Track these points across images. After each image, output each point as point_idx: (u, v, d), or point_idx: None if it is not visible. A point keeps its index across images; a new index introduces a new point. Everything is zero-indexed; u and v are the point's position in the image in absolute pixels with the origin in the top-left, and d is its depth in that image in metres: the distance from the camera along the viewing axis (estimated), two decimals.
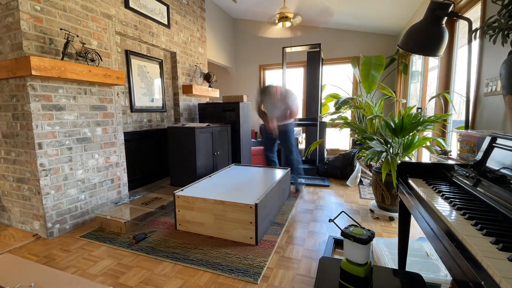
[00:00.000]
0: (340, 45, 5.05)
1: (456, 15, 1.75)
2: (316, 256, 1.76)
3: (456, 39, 2.54)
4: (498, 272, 0.51)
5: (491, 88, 1.72)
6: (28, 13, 1.86)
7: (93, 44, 2.35)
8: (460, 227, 0.70)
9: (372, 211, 2.46)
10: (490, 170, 0.99)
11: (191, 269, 1.63)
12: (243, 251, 1.82)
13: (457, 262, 0.62)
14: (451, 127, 2.64)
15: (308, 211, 2.56)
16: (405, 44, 1.89)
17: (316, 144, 2.83)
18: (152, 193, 2.82)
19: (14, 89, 1.95)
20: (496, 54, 1.71)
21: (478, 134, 1.42)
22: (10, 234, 2.11)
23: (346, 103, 3.77)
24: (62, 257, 1.79)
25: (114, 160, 2.56)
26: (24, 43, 1.85)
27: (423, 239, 1.74)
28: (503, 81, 1.18)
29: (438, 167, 1.25)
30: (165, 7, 3.32)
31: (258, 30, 5.51)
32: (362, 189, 3.24)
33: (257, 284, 1.49)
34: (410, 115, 2.22)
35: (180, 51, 3.67)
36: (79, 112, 2.23)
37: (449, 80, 2.60)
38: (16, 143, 2.03)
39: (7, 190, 2.19)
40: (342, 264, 1.01)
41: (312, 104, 4.14)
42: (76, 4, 2.20)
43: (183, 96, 3.78)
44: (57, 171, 2.08)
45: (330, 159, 3.87)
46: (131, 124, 3.05)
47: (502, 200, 0.80)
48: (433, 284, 1.27)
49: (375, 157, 2.22)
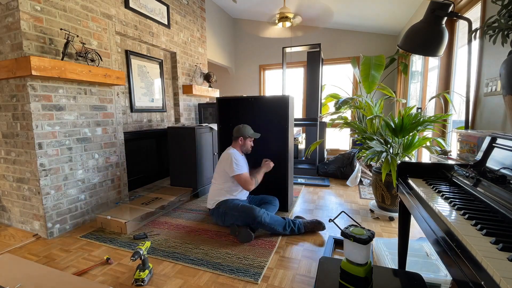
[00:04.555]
0: (340, 45, 5.05)
1: (456, 15, 1.75)
2: (316, 256, 1.76)
3: (456, 39, 2.54)
4: (498, 272, 0.51)
5: (491, 88, 1.72)
6: (28, 13, 1.86)
7: (93, 44, 2.35)
8: (460, 227, 0.70)
9: (372, 211, 2.46)
10: (490, 170, 0.99)
11: (191, 269, 1.63)
12: (243, 251, 1.82)
13: (457, 262, 0.62)
14: (451, 127, 2.64)
15: (308, 211, 2.56)
16: (405, 44, 1.89)
17: (316, 144, 2.83)
18: (152, 193, 2.82)
19: (14, 89, 1.95)
20: (496, 54, 1.71)
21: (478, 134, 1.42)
22: (10, 234, 2.11)
23: (346, 103, 3.77)
24: (62, 257, 1.79)
25: (114, 160, 2.56)
26: (24, 43, 1.85)
27: (423, 239, 1.74)
28: (503, 81, 1.18)
29: (438, 167, 1.25)
30: (165, 7, 3.32)
31: (258, 30, 5.51)
32: (362, 189, 3.24)
33: (258, 284, 1.49)
34: (410, 115, 2.22)
35: (180, 51, 3.67)
36: (79, 112, 2.23)
37: (449, 80, 2.60)
38: (16, 143, 2.03)
39: (7, 190, 2.19)
40: (342, 264, 1.01)
41: (312, 104, 4.14)
42: (76, 4, 2.20)
43: (183, 96, 3.78)
44: (57, 171, 2.08)
45: (330, 159, 3.87)
46: (131, 124, 3.05)
47: (502, 200, 0.80)
48: (433, 284, 1.27)
49: (375, 157, 2.22)
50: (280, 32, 5.37)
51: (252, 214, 2.00)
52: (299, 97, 5.53)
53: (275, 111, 2.65)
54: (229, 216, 2.09)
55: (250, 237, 1.95)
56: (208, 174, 3.12)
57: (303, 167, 3.97)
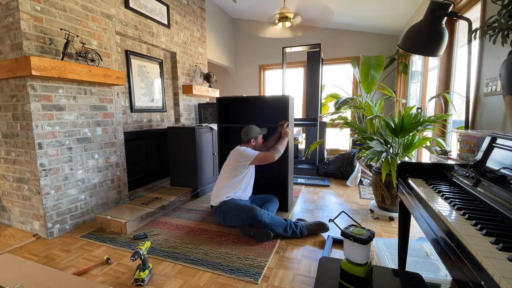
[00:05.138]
0: (340, 45, 5.05)
1: (456, 15, 1.75)
2: (316, 256, 1.76)
3: (456, 39, 2.54)
4: (498, 272, 0.51)
5: (491, 88, 1.72)
6: (28, 13, 1.86)
7: (93, 44, 2.35)
8: (460, 227, 0.70)
9: (372, 211, 2.46)
10: (490, 170, 0.99)
11: (191, 269, 1.63)
12: (243, 251, 1.82)
13: (457, 262, 0.62)
14: (451, 127, 2.64)
15: (308, 211, 2.56)
16: (405, 44, 1.89)
17: (316, 144, 2.83)
18: (152, 193, 2.82)
19: (14, 89, 1.95)
20: (496, 54, 1.71)
21: (478, 134, 1.42)
22: (10, 234, 2.11)
23: (346, 103, 3.77)
24: (62, 257, 1.79)
25: (114, 160, 2.56)
26: (24, 43, 1.85)
27: (423, 239, 1.74)
28: (503, 81, 1.18)
29: (438, 167, 1.25)
30: (165, 7, 3.32)
31: (258, 30, 5.51)
32: (362, 189, 3.24)
33: (258, 284, 1.49)
34: (410, 115, 2.22)
35: (180, 51, 3.67)
36: (79, 112, 2.23)
37: (449, 80, 2.60)
38: (16, 143, 2.03)
39: (7, 190, 2.19)
40: (342, 264, 1.01)
41: (312, 104, 4.14)
42: (76, 4, 2.20)
43: (183, 96, 3.78)
44: (57, 171, 2.08)
45: (330, 159, 3.87)
46: (131, 124, 3.05)
47: (502, 200, 0.80)
48: (433, 284, 1.27)
49: (375, 157, 2.22)
50: (280, 32, 5.37)
51: (253, 213, 2.00)
52: (299, 97, 5.53)
53: (275, 111, 2.65)
54: (230, 215, 2.09)
55: (268, 236, 1.93)
56: (208, 174, 3.12)
57: (303, 167, 3.97)
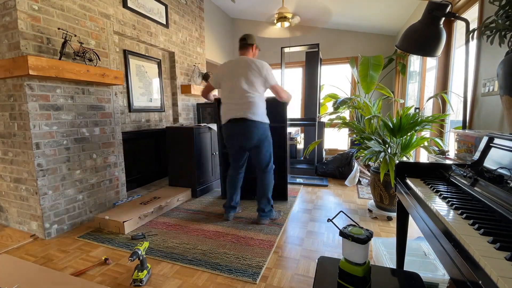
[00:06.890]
0: (338, 45, 5.06)
1: (454, 15, 1.76)
2: (314, 256, 1.77)
3: (454, 40, 2.55)
4: (495, 271, 0.51)
5: (489, 88, 1.73)
6: (25, 12, 1.85)
7: (91, 44, 2.34)
8: (457, 226, 0.71)
9: (370, 211, 2.47)
10: (487, 170, 1.00)
11: (189, 269, 1.63)
12: (241, 251, 1.82)
13: (455, 261, 0.63)
14: (448, 127, 2.65)
15: (307, 211, 2.56)
16: (403, 45, 1.89)
17: (315, 144, 2.84)
18: (150, 193, 2.81)
19: (11, 88, 1.94)
20: (494, 55, 1.72)
21: (475, 134, 1.43)
22: (8, 235, 2.09)
23: (344, 103, 3.77)
24: (60, 257, 1.78)
25: (112, 160, 2.55)
26: (22, 43, 1.84)
27: (421, 239, 1.75)
28: (500, 82, 1.19)
29: (436, 167, 1.25)
30: (163, 7, 3.32)
31: (257, 30, 5.50)
32: (361, 189, 3.24)
33: (256, 284, 1.49)
34: (408, 115, 2.23)
35: (179, 51, 3.66)
36: (77, 112, 2.22)
37: (447, 80, 2.61)
38: (14, 143, 2.02)
39: (5, 191, 2.17)
40: (341, 264, 1.01)
41: (310, 104, 4.14)
42: (74, 4, 2.19)
43: (182, 96, 3.77)
44: (54, 171, 2.07)
45: (328, 159, 3.88)
46: (129, 124, 3.04)
47: (500, 200, 0.80)
48: (431, 283, 1.27)
49: (373, 157, 2.22)
50: (278, 32, 5.38)
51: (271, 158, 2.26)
52: (298, 97, 5.53)
53: (274, 110, 2.66)
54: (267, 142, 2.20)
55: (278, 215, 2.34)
56: (207, 174, 3.12)
57: (302, 167, 3.98)
